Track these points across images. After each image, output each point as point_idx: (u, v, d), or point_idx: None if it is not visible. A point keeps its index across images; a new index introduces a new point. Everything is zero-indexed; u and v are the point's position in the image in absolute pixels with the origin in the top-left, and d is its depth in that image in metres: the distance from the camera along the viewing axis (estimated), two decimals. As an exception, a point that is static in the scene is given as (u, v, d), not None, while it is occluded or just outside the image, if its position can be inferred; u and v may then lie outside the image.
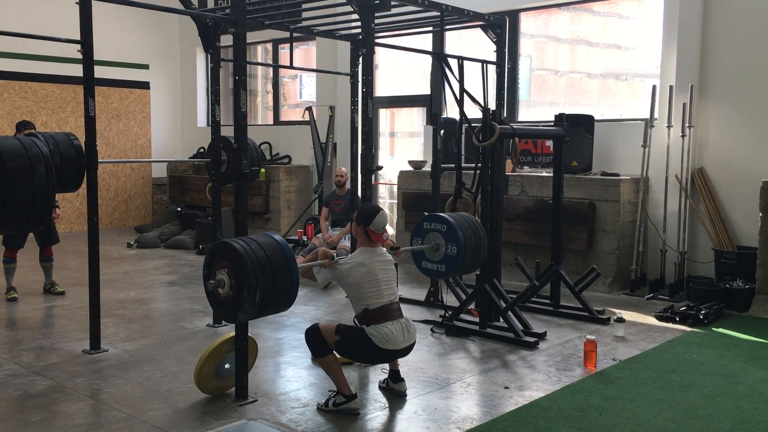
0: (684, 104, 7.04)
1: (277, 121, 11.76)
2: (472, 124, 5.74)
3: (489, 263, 5.59)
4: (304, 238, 8.35)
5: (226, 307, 3.62)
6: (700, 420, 3.88)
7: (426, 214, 5.10)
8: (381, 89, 10.22)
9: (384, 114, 10.40)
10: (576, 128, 7.18)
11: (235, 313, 3.57)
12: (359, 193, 6.05)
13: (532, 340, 5.27)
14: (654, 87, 7.28)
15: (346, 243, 7.61)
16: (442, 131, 6.72)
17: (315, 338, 4.00)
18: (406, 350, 4.09)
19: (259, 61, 12.22)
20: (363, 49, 5.15)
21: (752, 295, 6.45)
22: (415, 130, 10.14)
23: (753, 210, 6.59)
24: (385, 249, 4.25)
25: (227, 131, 5.74)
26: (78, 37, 4.77)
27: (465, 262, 4.79)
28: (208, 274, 3.65)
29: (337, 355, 4.03)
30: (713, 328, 5.84)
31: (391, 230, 9.12)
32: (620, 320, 5.61)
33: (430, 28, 7.17)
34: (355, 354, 4.10)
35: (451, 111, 6.35)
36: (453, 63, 6.00)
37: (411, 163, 8.95)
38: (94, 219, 4.90)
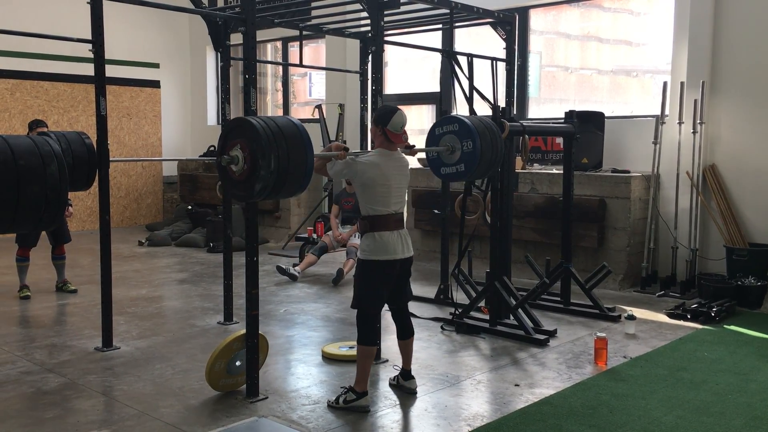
0: (695, 100, 7.00)
1: (286, 119, 11.76)
2: (482, 122, 5.72)
3: (499, 261, 5.59)
4: (314, 235, 8.36)
5: (241, 185, 3.57)
6: (711, 417, 3.86)
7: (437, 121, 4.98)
8: (390, 87, 10.22)
9: (393, 112, 10.38)
10: (586, 125, 7.16)
11: (252, 186, 3.50)
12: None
13: (542, 337, 5.27)
14: (665, 83, 7.24)
15: (356, 240, 7.62)
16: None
17: (369, 324, 4.03)
18: (407, 261, 4.08)
19: (269, 59, 12.24)
20: (372, 46, 5.15)
21: (764, 292, 6.41)
22: (425, 128, 10.11)
23: (765, 207, 6.55)
24: (401, 153, 4.27)
25: (237, 129, 5.75)
26: (89, 37, 4.80)
27: (483, 158, 4.67)
28: (221, 154, 3.61)
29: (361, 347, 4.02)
30: (725, 326, 5.81)
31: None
32: (631, 318, 5.59)
33: (440, 26, 7.17)
34: (373, 288, 4.01)
35: (461, 108, 6.34)
36: (462, 60, 5.99)
37: (420, 161, 8.93)
38: (105, 217, 4.93)
